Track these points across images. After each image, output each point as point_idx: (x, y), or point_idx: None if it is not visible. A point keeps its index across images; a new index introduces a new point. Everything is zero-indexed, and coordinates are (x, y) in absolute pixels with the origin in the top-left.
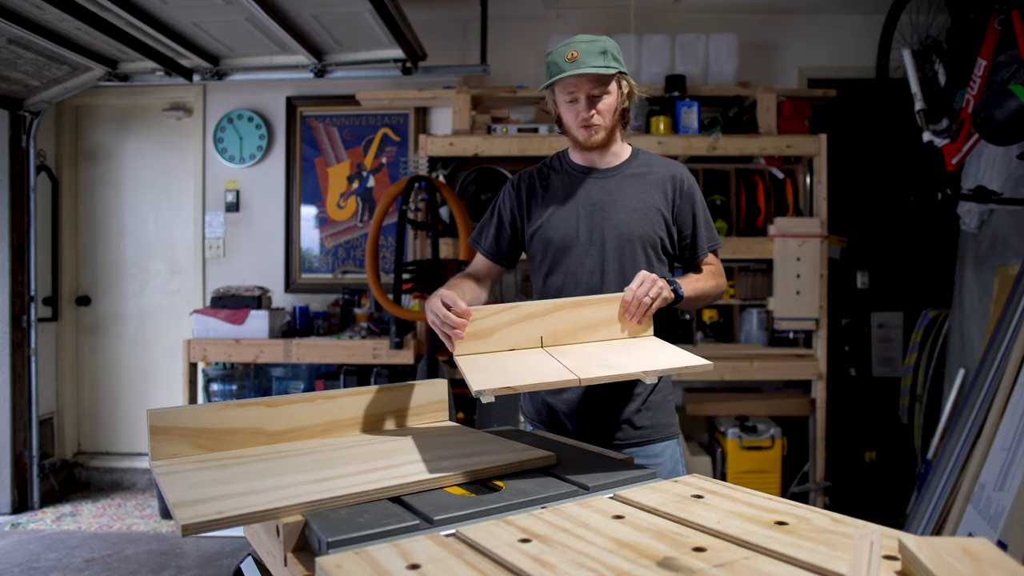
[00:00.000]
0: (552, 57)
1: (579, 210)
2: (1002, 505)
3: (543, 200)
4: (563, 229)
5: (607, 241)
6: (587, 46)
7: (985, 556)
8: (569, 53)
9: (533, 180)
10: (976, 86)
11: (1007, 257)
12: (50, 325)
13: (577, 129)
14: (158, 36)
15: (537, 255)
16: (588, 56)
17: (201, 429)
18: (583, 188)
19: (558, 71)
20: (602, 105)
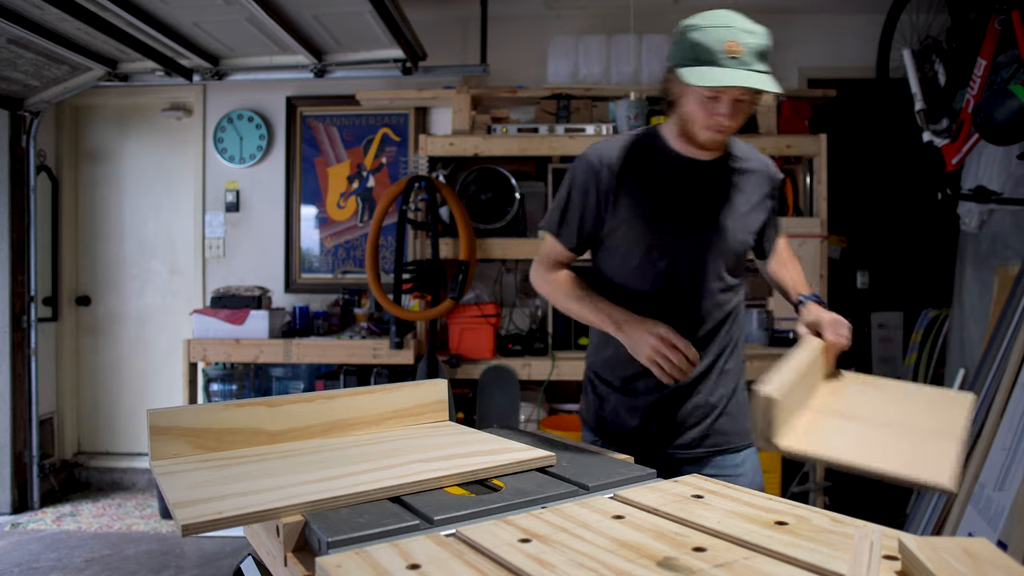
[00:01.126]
0: (701, 38)
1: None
2: (1002, 505)
3: (637, 188)
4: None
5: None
6: (749, 39)
7: (985, 556)
8: (728, 44)
9: (620, 164)
10: (976, 86)
11: (1007, 257)
12: (50, 325)
13: (703, 129)
14: (158, 36)
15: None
16: (750, 56)
17: (201, 429)
18: (686, 181)
19: (712, 64)
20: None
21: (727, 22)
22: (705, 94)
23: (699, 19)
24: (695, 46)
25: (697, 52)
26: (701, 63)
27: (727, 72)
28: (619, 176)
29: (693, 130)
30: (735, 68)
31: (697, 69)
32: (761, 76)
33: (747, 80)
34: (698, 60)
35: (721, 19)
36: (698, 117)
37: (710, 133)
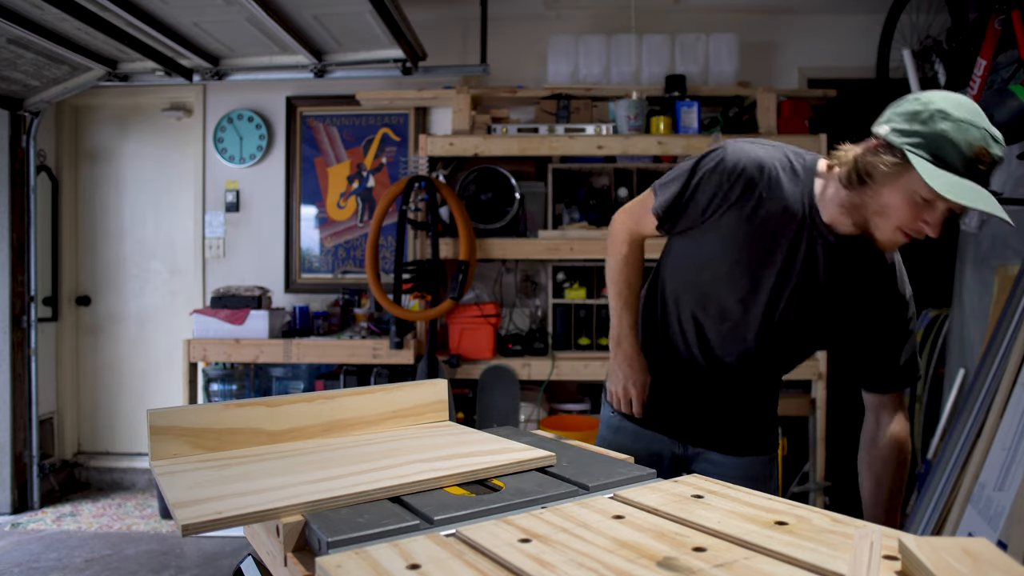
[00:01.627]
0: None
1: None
2: (1002, 505)
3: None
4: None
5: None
6: (997, 150)
7: (985, 556)
8: (980, 149)
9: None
10: (976, 86)
11: (1007, 257)
12: (50, 325)
13: (896, 230)
14: (158, 36)
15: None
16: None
17: (201, 429)
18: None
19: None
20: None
21: (981, 122)
22: (923, 195)
23: (950, 105)
24: (941, 139)
25: (943, 148)
26: (943, 163)
27: (978, 190)
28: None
29: (879, 223)
30: (979, 184)
31: (942, 173)
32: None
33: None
34: (940, 158)
35: (974, 114)
36: (901, 216)
37: (901, 236)
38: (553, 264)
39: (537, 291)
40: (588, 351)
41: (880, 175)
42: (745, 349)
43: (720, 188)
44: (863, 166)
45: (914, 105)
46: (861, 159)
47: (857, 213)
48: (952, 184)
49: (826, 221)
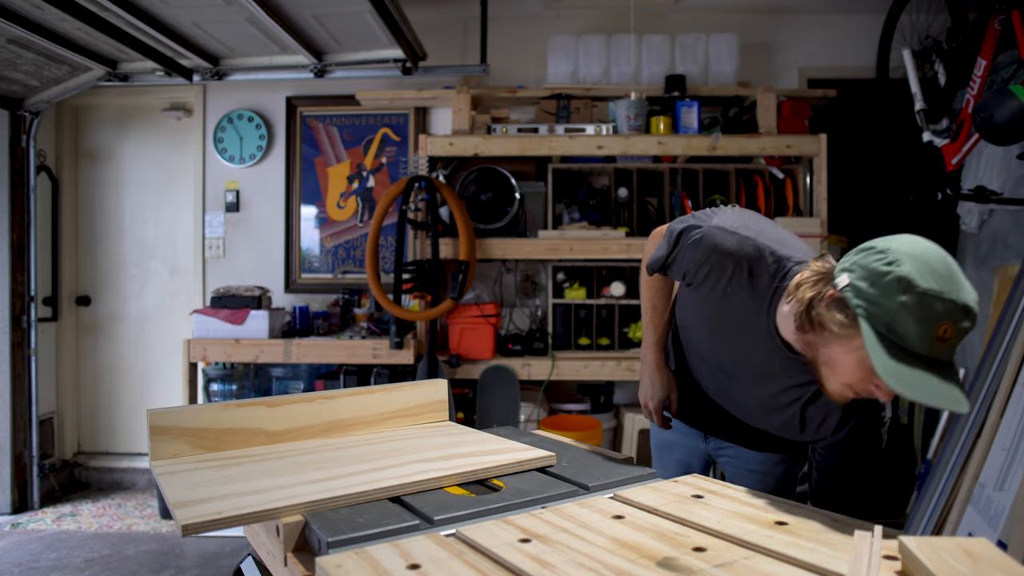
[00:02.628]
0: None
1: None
2: (1002, 505)
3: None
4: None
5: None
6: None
7: (985, 556)
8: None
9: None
10: (976, 86)
11: (1007, 257)
12: (50, 325)
13: (844, 387)
14: (158, 36)
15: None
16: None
17: (201, 429)
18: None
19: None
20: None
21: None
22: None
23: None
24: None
25: (901, 324)
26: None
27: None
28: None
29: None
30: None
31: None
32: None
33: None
34: (896, 333)
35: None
36: (850, 376)
37: (850, 393)
38: (553, 264)
39: (537, 291)
40: (588, 351)
41: (831, 332)
42: (735, 407)
43: (693, 264)
44: (815, 316)
45: (878, 262)
46: (815, 306)
47: (809, 352)
48: (903, 375)
49: (784, 338)
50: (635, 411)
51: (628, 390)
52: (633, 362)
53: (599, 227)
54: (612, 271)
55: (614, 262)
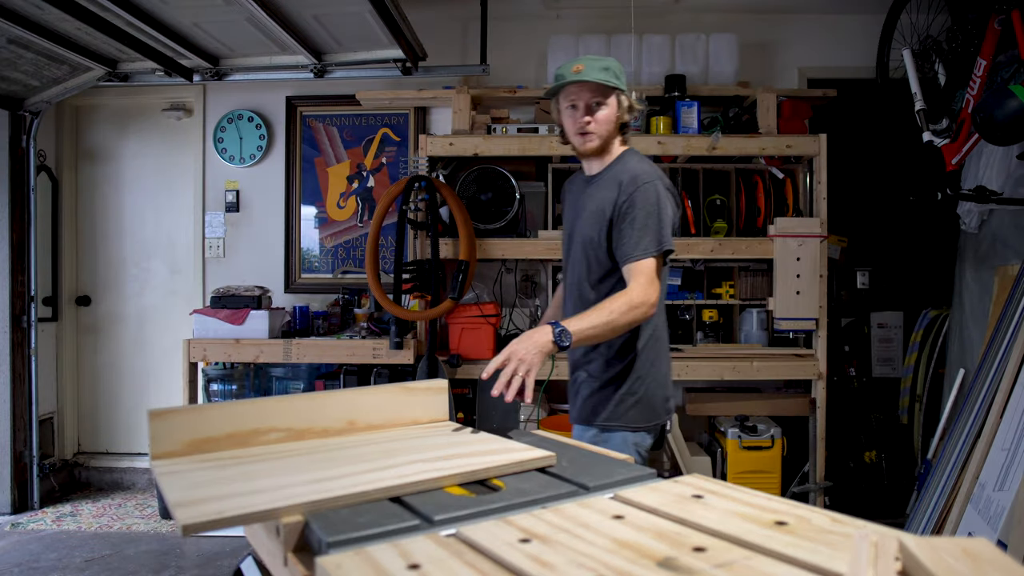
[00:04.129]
0: (559, 70)
1: (571, 216)
2: (1002, 505)
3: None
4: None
5: (577, 246)
6: (592, 62)
7: (985, 556)
8: (575, 67)
9: (566, 187)
10: (976, 86)
11: (1007, 257)
12: (50, 325)
13: (574, 135)
14: (158, 36)
15: None
16: (592, 70)
17: (201, 429)
18: (579, 194)
19: (562, 79)
20: (600, 115)
21: (578, 57)
22: (565, 106)
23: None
24: (556, 77)
25: (557, 79)
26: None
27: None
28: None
29: (571, 141)
30: (576, 77)
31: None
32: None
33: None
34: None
35: (575, 58)
36: (568, 127)
37: (579, 138)
38: (553, 264)
39: (537, 291)
40: None
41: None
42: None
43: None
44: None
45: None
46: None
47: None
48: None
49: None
50: None
51: None
52: None
53: None
54: None
55: None
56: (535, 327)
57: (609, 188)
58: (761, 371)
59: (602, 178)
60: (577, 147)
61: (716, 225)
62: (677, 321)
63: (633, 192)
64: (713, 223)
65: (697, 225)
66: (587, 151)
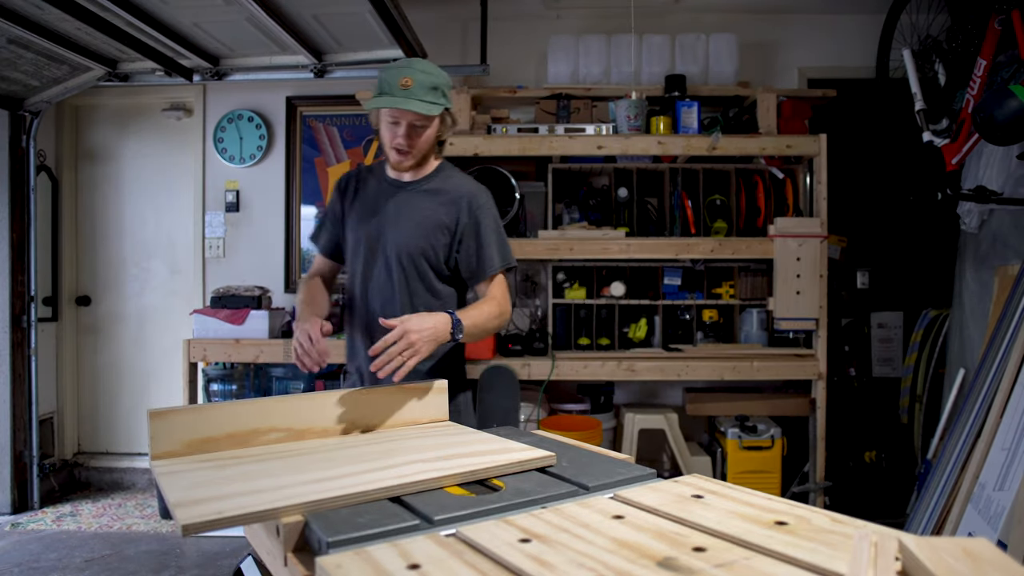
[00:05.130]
0: (386, 76)
1: (376, 220)
2: (1002, 505)
3: (356, 204)
4: (360, 236)
5: (392, 253)
6: (422, 77)
7: (985, 556)
8: (403, 80)
9: (351, 182)
10: (976, 86)
11: (1007, 257)
12: (50, 325)
13: (390, 149)
14: (158, 36)
15: (347, 257)
16: (419, 89)
17: (201, 429)
18: (386, 199)
19: (389, 94)
20: (420, 136)
21: (408, 64)
22: (387, 119)
23: (391, 64)
24: (381, 83)
25: (382, 88)
26: (381, 93)
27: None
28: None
29: (386, 152)
30: (404, 96)
31: (377, 98)
32: (424, 104)
33: (408, 105)
34: (380, 92)
35: (405, 63)
36: (386, 140)
37: (396, 155)
38: (553, 264)
39: (537, 291)
40: (588, 351)
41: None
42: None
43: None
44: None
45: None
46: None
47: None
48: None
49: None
50: (635, 411)
51: (628, 390)
52: (634, 362)
53: (599, 227)
54: (612, 271)
55: (614, 262)
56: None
57: (441, 203)
58: (761, 371)
59: (421, 189)
60: (392, 163)
61: (716, 225)
62: (677, 321)
63: (478, 211)
64: (713, 223)
65: (697, 225)
66: (402, 168)
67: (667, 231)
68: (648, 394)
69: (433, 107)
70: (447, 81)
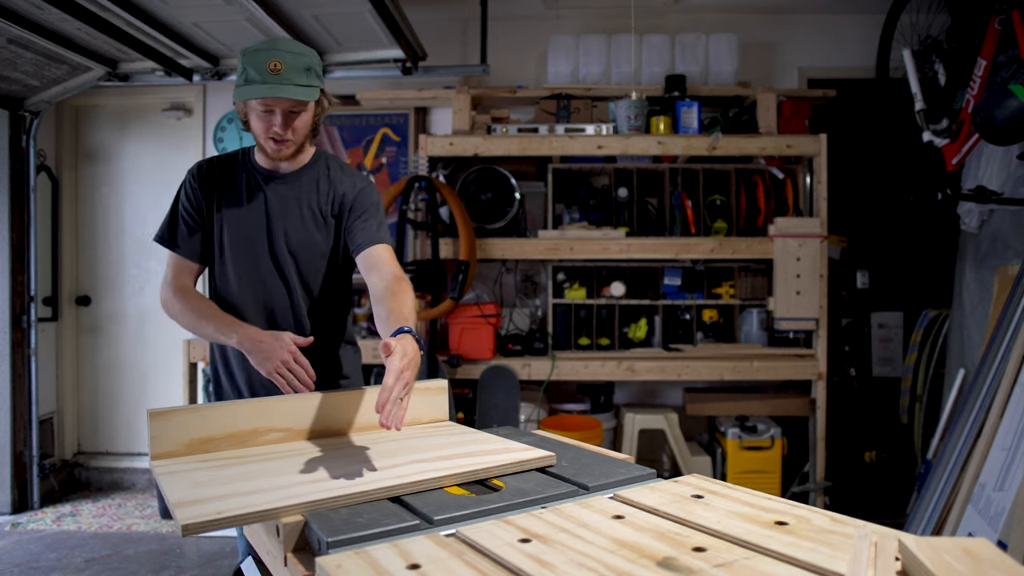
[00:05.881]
0: (251, 60)
1: (258, 215)
2: (1002, 505)
3: (225, 198)
4: (243, 233)
5: (283, 250)
6: (292, 59)
7: (985, 556)
8: (272, 63)
9: (211, 173)
10: (976, 86)
11: (1007, 257)
12: (50, 325)
13: (266, 140)
14: (158, 36)
15: (216, 257)
16: (292, 72)
17: (201, 429)
18: (263, 191)
19: (258, 82)
20: (298, 122)
21: (274, 44)
22: (258, 108)
23: (252, 46)
24: (247, 68)
25: (248, 74)
26: (249, 82)
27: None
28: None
29: (260, 144)
30: (275, 82)
31: (246, 87)
32: (299, 88)
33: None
34: (247, 80)
35: (269, 43)
36: (258, 130)
37: (273, 144)
38: (553, 264)
39: (537, 291)
40: (588, 351)
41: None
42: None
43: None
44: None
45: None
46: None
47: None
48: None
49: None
50: (635, 411)
51: (628, 390)
52: (634, 362)
53: (599, 227)
54: (612, 271)
55: (614, 262)
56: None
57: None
58: (761, 371)
59: (302, 180)
60: (270, 153)
61: (716, 225)
62: (677, 321)
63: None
64: (713, 223)
65: (697, 225)
66: (281, 158)
67: (667, 231)
68: (648, 394)
69: (310, 91)
70: (318, 59)
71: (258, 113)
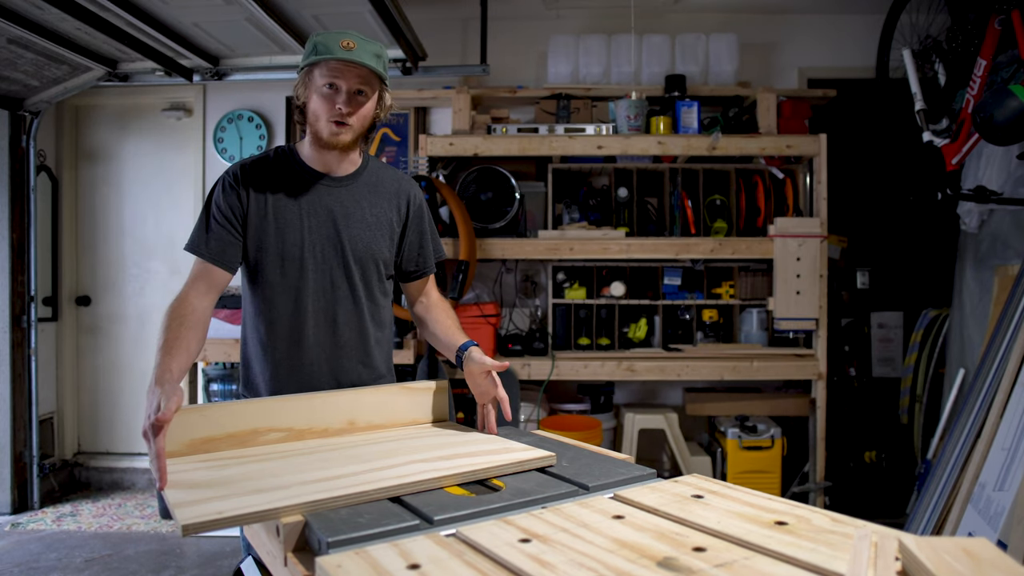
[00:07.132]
0: (322, 39)
1: (310, 220)
2: (1002, 505)
3: (276, 202)
4: (305, 239)
5: (349, 258)
6: (364, 43)
7: (985, 556)
8: (345, 41)
9: (258, 177)
10: (976, 86)
11: (1007, 257)
12: (50, 325)
13: (327, 122)
14: (158, 36)
15: (258, 265)
16: (363, 52)
17: (201, 429)
18: (315, 194)
19: (329, 53)
20: (361, 107)
21: (345, 31)
22: (322, 84)
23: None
24: (317, 45)
25: (318, 49)
26: (319, 55)
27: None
28: (249, 189)
29: (317, 127)
30: (347, 54)
31: (316, 57)
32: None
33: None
34: (317, 53)
35: (340, 30)
36: (319, 109)
37: (332, 126)
38: (553, 264)
39: (537, 291)
40: (588, 351)
41: (303, 94)
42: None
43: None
44: (297, 98)
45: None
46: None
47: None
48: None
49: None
50: (635, 411)
51: (628, 390)
52: (634, 362)
53: (599, 227)
54: (612, 271)
55: (614, 262)
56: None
57: (384, 198)
58: (761, 371)
59: (360, 184)
60: (324, 135)
61: (716, 225)
62: (677, 321)
63: (420, 206)
64: (713, 223)
65: (697, 225)
66: (338, 144)
67: (667, 231)
68: (648, 394)
69: (379, 68)
70: (386, 53)
71: (322, 93)
